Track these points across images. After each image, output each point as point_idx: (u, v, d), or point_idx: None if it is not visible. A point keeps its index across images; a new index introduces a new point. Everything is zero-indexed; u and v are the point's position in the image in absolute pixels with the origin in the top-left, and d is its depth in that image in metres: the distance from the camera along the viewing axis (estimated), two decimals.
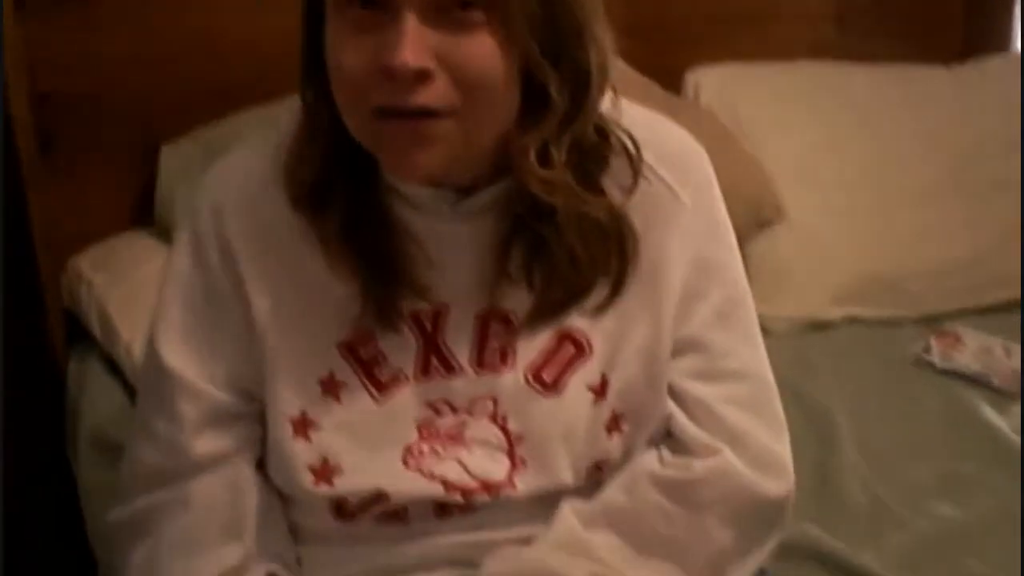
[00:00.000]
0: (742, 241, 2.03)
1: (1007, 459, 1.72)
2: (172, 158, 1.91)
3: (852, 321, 2.08)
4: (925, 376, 1.93)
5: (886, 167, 2.22)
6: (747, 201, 2.08)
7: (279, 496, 1.12)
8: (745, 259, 2.08)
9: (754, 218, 2.12)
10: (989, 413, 1.83)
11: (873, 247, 2.14)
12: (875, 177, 2.21)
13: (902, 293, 2.11)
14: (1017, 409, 1.84)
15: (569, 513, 1.09)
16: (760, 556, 1.13)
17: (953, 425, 1.81)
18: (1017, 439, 1.76)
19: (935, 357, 1.95)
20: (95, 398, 1.72)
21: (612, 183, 1.07)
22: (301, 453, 1.07)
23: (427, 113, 0.95)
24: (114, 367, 1.75)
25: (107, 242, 1.92)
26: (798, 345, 1.97)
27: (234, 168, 1.12)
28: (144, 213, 1.94)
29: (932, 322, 2.06)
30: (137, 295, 1.70)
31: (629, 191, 1.07)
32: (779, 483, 1.11)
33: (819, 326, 2.06)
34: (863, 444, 1.73)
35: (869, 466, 1.68)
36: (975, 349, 1.96)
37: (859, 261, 2.12)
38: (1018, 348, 1.96)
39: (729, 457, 1.08)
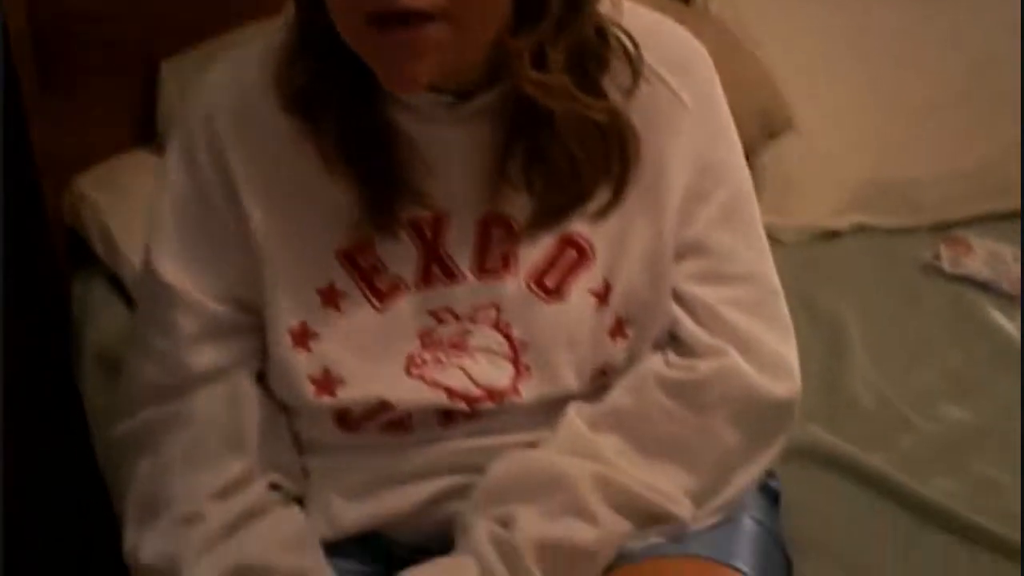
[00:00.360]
0: (751, 150, 2.05)
1: (1016, 362, 1.72)
2: (172, 75, 1.89)
3: (861, 229, 2.06)
4: (934, 282, 1.92)
5: (896, 76, 2.19)
6: (756, 110, 2.06)
7: (281, 408, 1.12)
8: (754, 169, 2.08)
9: (763, 127, 2.10)
10: (998, 317, 1.82)
11: (882, 155, 2.12)
12: (885, 86, 2.18)
13: (911, 201, 2.09)
14: None
15: (575, 416, 1.08)
16: (767, 459, 1.12)
17: (962, 329, 1.81)
18: None
19: (945, 263, 1.94)
20: (99, 318, 1.72)
21: (612, 85, 1.06)
22: (302, 364, 1.07)
23: (418, 18, 0.93)
24: (118, 286, 1.75)
25: (110, 161, 1.91)
26: (807, 254, 1.96)
27: (224, 76, 1.11)
28: (147, 131, 1.92)
29: (941, 230, 2.04)
30: (140, 213, 1.68)
31: (629, 92, 1.06)
32: (785, 385, 1.10)
33: (828, 235, 2.04)
34: (872, 349, 1.73)
35: (878, 370, 1.68)
36: (984, 255, 1.95)
37: (868, 169, 2.10)
38: None
39: (735, 358, 1.08)
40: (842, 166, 2.10)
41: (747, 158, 1.16)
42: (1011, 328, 1.80)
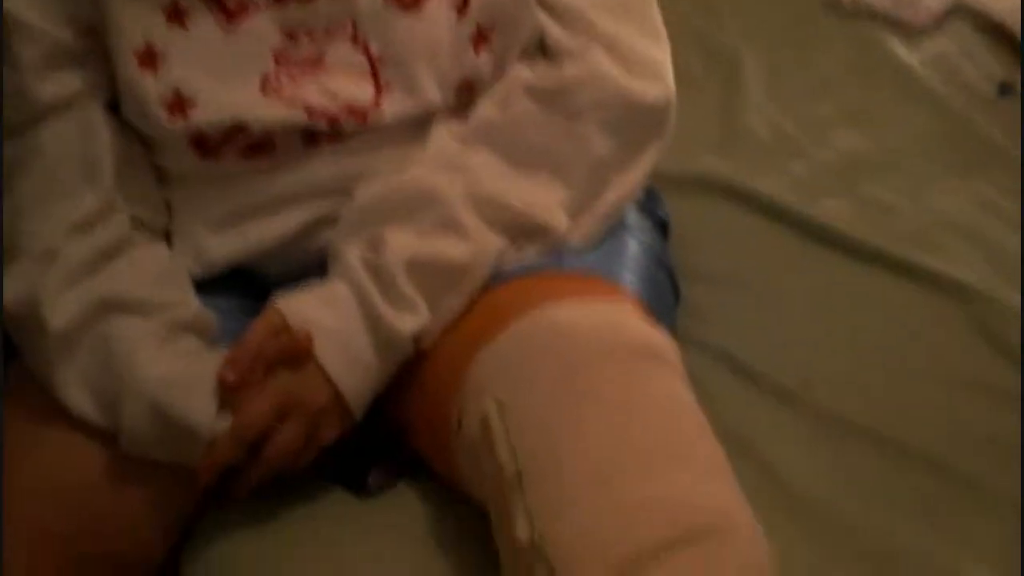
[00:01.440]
0: None
1: (917, 92, 1.70)
2: None
3: None
4: (835, 17, 1.87)
5: None
6: None
7: (138, 139, 1.07)
8: None
9: None
10: (899, 49, 1.79)
11: None
12: None
13: None
14: (928, 45, 1.80)
15: (443, 132, 1.05)
16: (643, 167, 1.09)
17: (863, 62, 1.77)
18: (928, 73, 1.73)
19: None
20: None
21: None
22: (151, 86, 1.01)
23: None
24: None
25: None
26: None
27: None
28: None
29: None
30: None
31: None
32: (656, 87, 1.06)
33: None
34: (770, 84, 1.70)
35: (774, 103, 1.66)
36: None
37: None
38: None
39: (602, 60, 1.04)
40: None
41: None
42: (913, 60, 1.76)
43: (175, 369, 0.97)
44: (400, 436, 1.05)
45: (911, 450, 1.11)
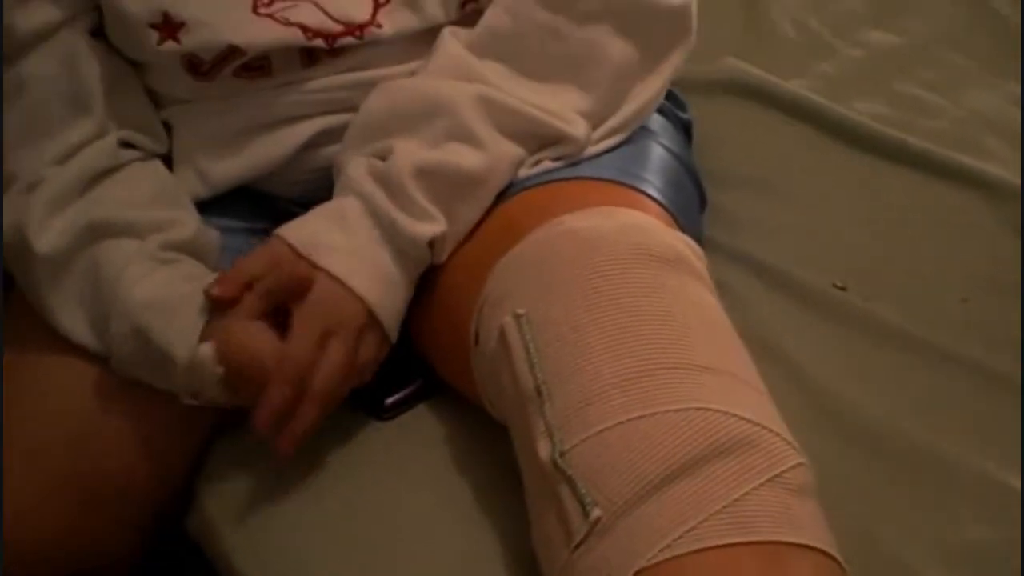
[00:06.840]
0: None
1: None
2: None
3: None
4: None
5: None
6: None
7: (129, 63, 1.02)
8: None
9: None
10: None
11: None
12: None
13: None
14: None
15: (451, 38, 0.99)
16: (664, 74, 1.03)
17: None
18: None
19: None
20: None
21: None
22: (138, 11, 0.96)
23: None
24: None
25: None
26: None
27: None
28: None
29: None
30: None
31: None
32: None
33: None
34: None
35: (799, 0, 1.59)
36: None
37: None
38: None
39: None
40: None
41: None
42: None
43: (162, 291, 0.93)
44: (417, 356, 1.02)
45: (945, 352, 1.06)
